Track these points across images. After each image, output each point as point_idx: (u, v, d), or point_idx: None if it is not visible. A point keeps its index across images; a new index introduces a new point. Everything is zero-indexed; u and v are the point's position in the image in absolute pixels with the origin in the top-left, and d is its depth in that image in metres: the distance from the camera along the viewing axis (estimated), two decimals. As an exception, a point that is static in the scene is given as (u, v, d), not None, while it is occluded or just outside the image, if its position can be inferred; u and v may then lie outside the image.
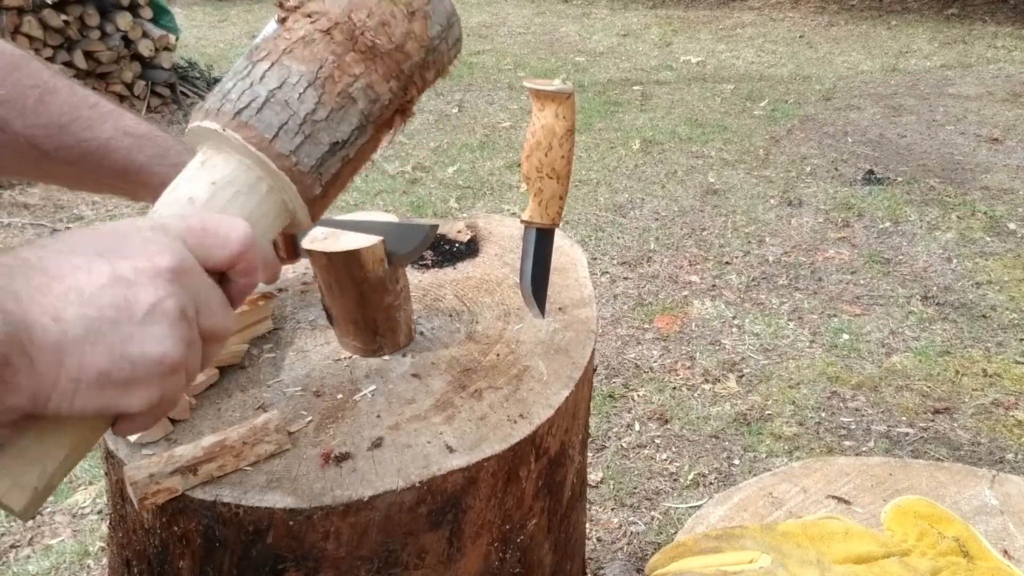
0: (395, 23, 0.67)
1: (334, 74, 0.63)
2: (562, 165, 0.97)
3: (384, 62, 0.66)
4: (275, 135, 0.60)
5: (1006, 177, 4.05)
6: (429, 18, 0.70)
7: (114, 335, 0.46)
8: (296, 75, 0.62)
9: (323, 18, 0.65)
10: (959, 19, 7.93)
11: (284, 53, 0.63)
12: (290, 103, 0.61)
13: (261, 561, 0.75)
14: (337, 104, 0.63)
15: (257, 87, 0.61)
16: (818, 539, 0.96)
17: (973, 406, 2.35)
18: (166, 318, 0.48)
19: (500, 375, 0.91)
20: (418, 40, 0.69)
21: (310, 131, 0.61)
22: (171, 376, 0.49)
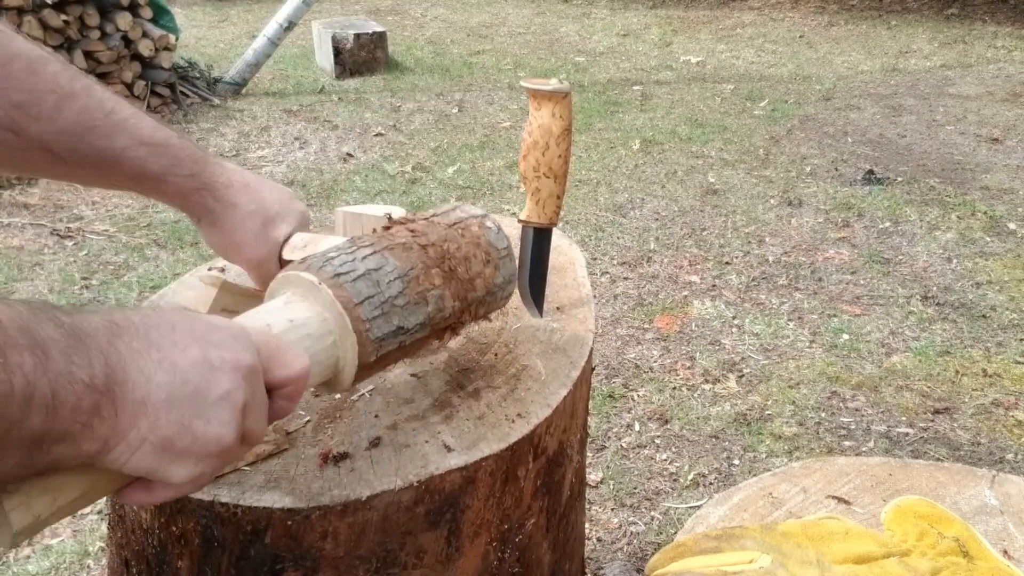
0: (474, 262, 0.83)
1: (420, 277, 0.76)
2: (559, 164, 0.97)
3: (457, 285, 0.80)
4: (361, 302, 0.70)
5: (1006, 177, 4.05)
6: (499, 269, 0.86)
7: (188, 408, 0.51)
8: (391, 266, 0.75)
9: (423, 237, 0.79)
10: (959, 19, 7.93)
11: (386, 248, 0.76)
12: (380, 284, 0.72)
13: (259, 561, 0.75)
14: (414, 300, 0.75)
15: (358, 263, 0.73)
16: (818, 539, 0.95)
17: (973, 406, 2.35)
18: (232, 406, 0.53)
19: (498, 375, 0.91)
20: (486, 281, 0.84)
21: (387, 310, 0.73)
22: (217, 458, 0.54)
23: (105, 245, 3.35)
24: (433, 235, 0.80)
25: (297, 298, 0.70)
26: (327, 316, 0.69)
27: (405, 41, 7.47)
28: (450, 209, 0.87)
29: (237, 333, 0.56)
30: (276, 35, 5.60)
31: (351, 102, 5.47)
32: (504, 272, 0.87)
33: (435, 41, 7.57)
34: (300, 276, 0.70)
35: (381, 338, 0.72)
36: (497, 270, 0.85)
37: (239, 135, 4.76)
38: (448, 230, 0.82)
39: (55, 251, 3.29)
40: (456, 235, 0.82)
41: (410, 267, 0.75)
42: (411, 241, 0.78)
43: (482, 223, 0.86)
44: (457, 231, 0.82)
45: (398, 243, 0.77)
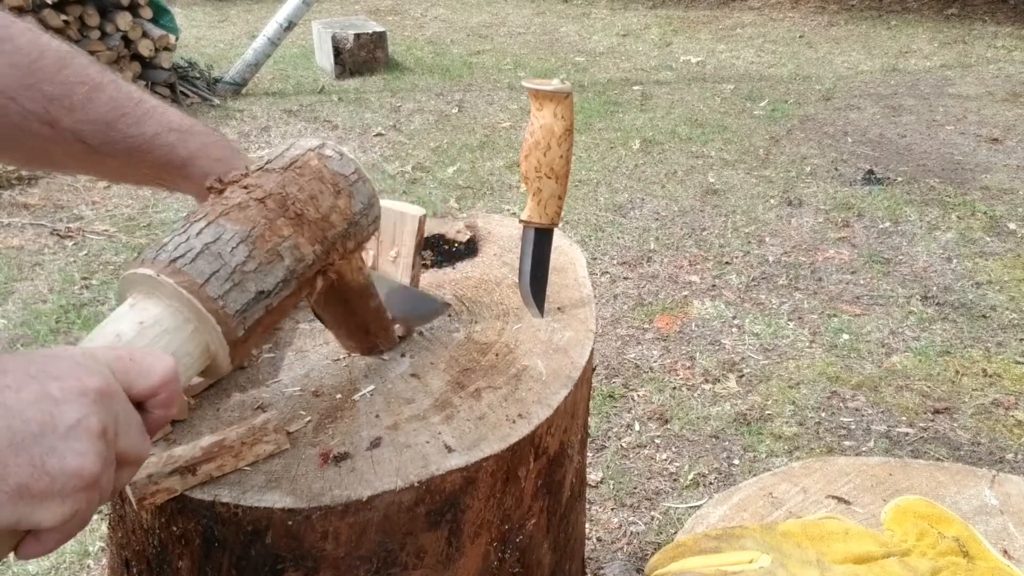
0: (322, 198, 0.76)
1: (265, 234, 0.71)
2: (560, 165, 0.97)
3: (310, 229, 0.75)
4: (206, 281, 0.66)
5: (1006, 177, 4.05)
6: (353, 197, 0.80)
7: (36, 447, 0.48)
8: (230, 232, 0.69)
9: (258, 189, 0.73)
10: (959, 19, 7.93)
11: (220, 215, 0.70)
12: (222, 255, 0.68)
13: (260, 561, 0.75)
14: (266, 259, 0.70)
15: (193, 240, 0.68)
16: (818, 539, 0.95)
17: (973, 406, 2.35)
18: (87, 434, 0.50)
19: (499, 375, 0.91)
20: (342, 214, 0.78)
21: (239, 280, 0.68)
22: (85, 492, 0.50)
23: (105, 245, 3.36)
24: (269, 184, 0.74)
25: (142, 297, 0.66)
26: (177, 305, 0.65)
27: (405, 41, 7.47)
28: (284, 150, 0.80)
29: (79, 359, 0.52)
30: (276, 35, 5.60)
31: (351, 102, 5.47)
32: (360, 198, 0.81)
33: (435, 41, 7.57)
34: (137, 273, 0.66)
35: (242, 310, 0.68)
36: (352, 198, 0.79)
37: (239, 135, 4.76)
38: (284, 174, 0.76)
39: (55, 251, 3.29)
40: (294, 176, 0.76)
41: (251, 227, 0.70)
42: (246, 199, 0.72)
43: (321, 154, 0.79)
44: (294, 173, 0.76)
45: (233, 205, 0.71)
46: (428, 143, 4.69)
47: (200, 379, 0.88)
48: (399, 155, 4.50)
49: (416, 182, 4.11)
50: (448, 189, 4.01)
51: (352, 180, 0.81)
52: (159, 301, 0.65)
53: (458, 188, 4.02)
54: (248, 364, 0.94)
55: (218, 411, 0.85)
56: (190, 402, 0.86)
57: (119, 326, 0.63)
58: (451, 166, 4.32)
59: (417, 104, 5.45)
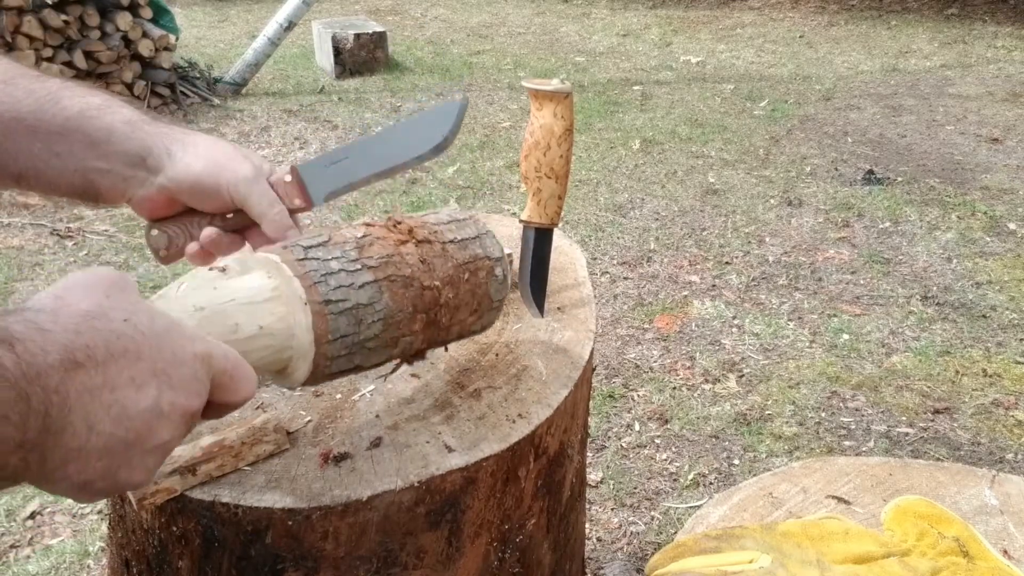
0: (461, 313, 0.76)
1: (401, 322, 0.70)
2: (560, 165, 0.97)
3: (433, 333, 0.74)
4: (334, 339, 0.66)
5: (1006, 177, 4.05)
6: (482, 319, 0.80)
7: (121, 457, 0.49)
8: (381, 305, 0.68)
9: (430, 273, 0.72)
10: (959, 19, 7.93)
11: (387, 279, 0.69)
12: (361, 324, 0.67)
13: (260, 561, 0.75)
14: (384, 344, 0.70)
15: (351, 292, 0.67)
16: (818, 539, 0.95)
17: (973, 406, 2.35)
18: (164, 454, 0.52)
19: (499, 375, 0.91)
20: (463, 328, 0.78)
21: (354, 351, 0.68)
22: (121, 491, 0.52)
23: (105, 245, 3.35)
24: (439, 272, 0.73)
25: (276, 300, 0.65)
26: (296, 334, 0.65)
27: (405, 41, 7.47)
28: (471, 238, 0.78)
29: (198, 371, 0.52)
30: (276, 35, 5.60)
31: (351, 102, 5.47)
32: (486, 320, 0.81)
33: (435, 41, 7.57)
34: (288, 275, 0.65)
35: (334, 372, 0.69)
36: (480, 319, 0.80)
37: (239, 135, 4.76)
38: (456, 270, 0.75)
39: (55, 251, 3.29)
40: (460, 279, 0.75)
41: (399, 309, 0.70)
42: (416, 275, 0.71)
43: (491, 270, 0.79)
44: (464, 273, 0.76)
45: (400, 275, 0.70)
46: (428, 143, 4.68)
47: None
48: (399, 155, 4.49)
49: (416, 182, 4.11)
50: (448, 189, 4.01)
51: (494, 307, 0.81)
52: (286, 317, 0.65)
53: (458, 188, 4.02)
54: None
55: (218, 411, 0.85)
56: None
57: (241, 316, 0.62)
58: (451, 166, 4.32)
59: (417, 104, 5.45)
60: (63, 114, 0.74)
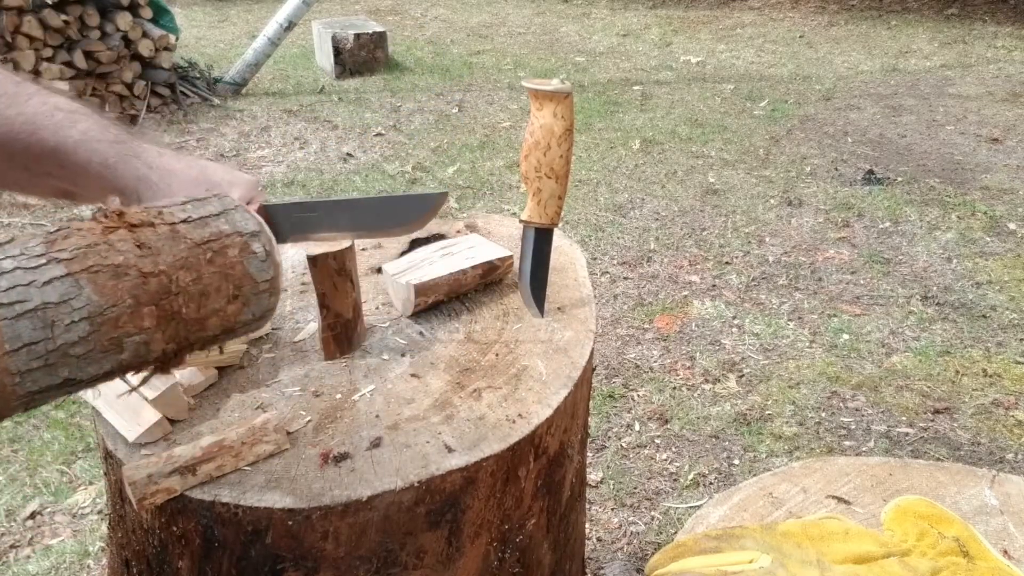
0: (213, 298, 0.64)
1: (120, 318, 0.58)
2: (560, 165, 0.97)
3: (176, 327, 0.62)
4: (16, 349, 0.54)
5: (1006, 177, 4.05)
6: (247, 305, 0.67)
7: None
8: (82, 301, 0.56)
9: (151, 259, 0.60)
10: (959, 19, 7.93)
11: (87, 271, 0.57)
12: (55, 327, 0.55)
13: (260, 561, 0.75)
14: (101, 348, 0.58)
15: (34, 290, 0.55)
16: (818, 539, 0.95)
17: (973, 406, 2.35)
18: None
19: (499, 375, 0.91)
20: (223, 320, 0.66)
21: (54, 361, 0.56)
22: None
23: (105, 245, 3.35)
24: (166, 256, 0.61)
25: None
26: None
27: (405, 41, 7.47)
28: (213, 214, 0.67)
29: None
30: (276, 35, 5.60)
31: (351, 102, 5.47)
32: (254, 308, 0.68)
33: (435, 41, 7.56)
34: None
35: (34, 392, 0.56)
36: (246, 306, 0.67)
37: (239, 135, 4.76)
38: (192, 250, 0.63)
39: (55, 251, 3.29)
40: (200, 260, 0.63)
41: (111, 304, 0.57)
42: (131, 261, 0.59)
43: (246, 246, 0.67)
44: (204, 254, 0.64)
45: (108, 264, 0.58)
46: (428, 143, 4.69)
47: (201, 378, 0.88)
48: (399, 155, 4.50)
49: (416, 182, 4.10)
50: (448, 189, 4.01)
51: (260, 289, 0.68)
52: None
53: (458, 188, 4.02)
54: (248, 364, 0.94)
55: (218, 411, 0.85)
56: (190, 402, 0.86)
57: None
58: (451, 166, 4.32)
59: (417, 104, 5.45)
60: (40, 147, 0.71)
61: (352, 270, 0.89)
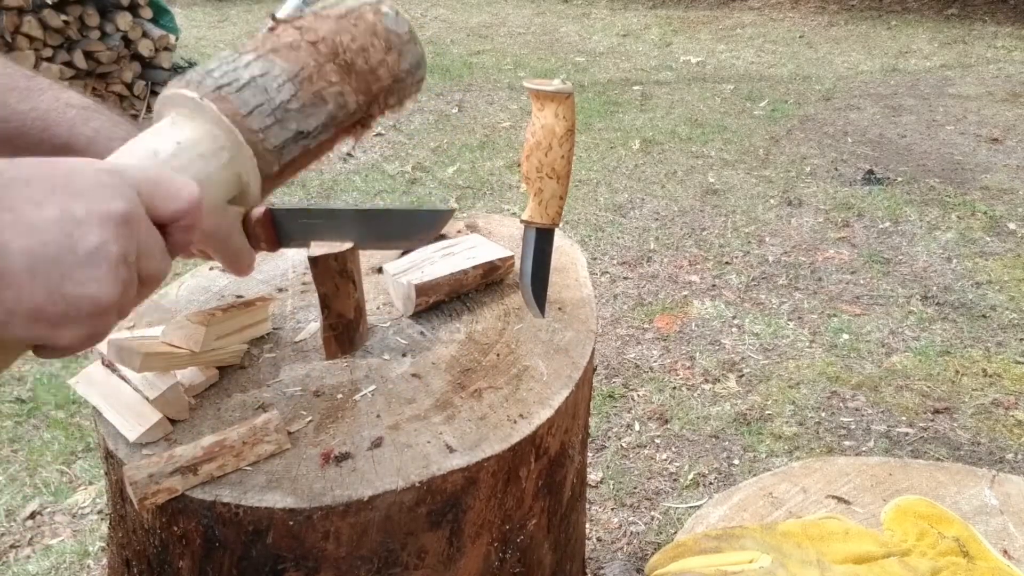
0: (373, 52, 0.77)
1: (312, 76, 0.71)
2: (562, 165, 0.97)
3: (357, 79, 0.75)
4: (249, 112, 0.66)
5: (1006, 177, 4.05)
6: (402, 55, 0.80)
7: (55, 272, 0.46)
8: (279, 69, 0.70)
9: (311, 32, 0.73)
10: (959, 19, 7.93)
11: (271, 51, 0.71)
12: (268, 90, 0.68)
13: (261, 561, 0.75)
14: (310, 101, 0.71)
15: (241, 71, 0.68)
16: (818, 539, 0.96)
17: (973, 406, 2.35)
18: (107, 261, 0.48)
19: (500, 375, 0.91)
20: (390, 70, 0.79)
21: (281, 116, 0.68)
22: (102, 316, 0.49)
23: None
24: (323, 29, 0.74)
25: (183, 118, 0.66)
26: (217, 132, 0.65)
27: (405, 41, 7.46)
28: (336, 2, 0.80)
29: (104, 178, 0.50)
30: (276, 35, 5.59)
31: (351, 102, 5.47)
32: (409, 57, 0.81)
33: (435, 41, 7.56)
34: (181, 94, 0.66)
35: (280, 146, 0.68)
36: (401, 55, 0.80)
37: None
38: (339, 22, 0.76)
39: (55, 251, 3.29)
40: (349, 26, 0.76)
41: (300, 67, 0.71)
42: (298, 40, 0.73)
43: (376, 9, 0.79)
44: (349, 22, 0.77)
45: (283, 43, 0.72)
46: (428, 143, 4.69)
47: (201, 378, 0.88)
48: (399, 155, 4.50)
49: (416, 182, 4.11)
50: (448, 189, 4.01)
51: (404, 39, 0.81)
52: (200, 125, 0.65)
53: (458, 188, 4.02)
54: (249, 364, 0.94)
55: (219, 411, 0.85)
56: (191, 402, 0.86)
57: (157, 142, 0.63)
58: (451, 166, 4.32)
59: (417, 104, 5.45)
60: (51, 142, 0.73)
61: (354, 271, 0.89)
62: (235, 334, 0.93)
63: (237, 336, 0.94)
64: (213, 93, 0.65)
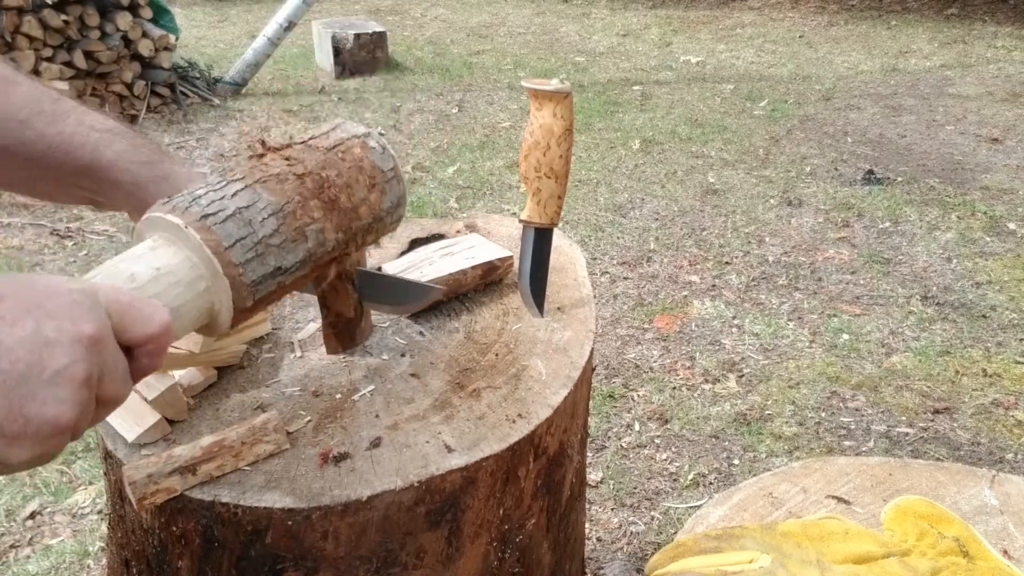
0: (356, 188, 0.78)
1: (296, 211, 0.72)
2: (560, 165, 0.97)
3: (339, 216, 0.76)
4: (232, 245, 0.67)
5: (1006, 177, 4.05)
6: (384, 193, 0.82)
7: (18, 390, 0.47)
8: (264, 202, 0.70)
9: (300, 164, 0.75)
10: (959, 19, 7.93)
11: (258, 182, 0.72)
12: (252, 223, 0.69)
13: (260, 561, 0.75)
14: (291, 237, 0.72)
15: (227, 201, 0.68)
16: (818, 539, 0.95)
17: (973, 406, 2.35)
18: (71, 383, 0.49)
19: (499, 375, 0.91)
20: (371, 208, 0.80)
21: (262, 252, 0.69)
22: (57, 437, 0.50)
23: (105, 245, 3.35)
24: (310, 162, 0.75)
25: (163, 242, 0.66)
26: (196, 261, 0.65)
27: (405, 41, 7.47)
28: (329, 129, 0.82)
29: (78, 298, 0.51)
30: (276, 35, 5.60)
31: (351, 102, 5.47)
32: (391, 196, 0.83)
33: (435, 41, 7.56)
34: (165, 219, 0.66)
35: (257, 281, 0.69)
36: (384, 194, 0.82)
37: (239, 135, 4.76)
38: (327, 155, 0.77)
39: (55, 251, 3.29)
40: (336, 160, 0.78)
41: (285, 201, 0.71)
42: (286, 171, 0.74)
43: (364, 143, 0.81)
44: (337, 155, 0.78)
45: (271, 175, 0.72)
46: (428, 143, 4.69)
47: (200, 379, 0.88)
48: (399, 155, 4.50)
49: (416, 182, 4.10)
50: (448, 189, 4.01)
51: (388, 177, 0.82)
52: (179, 251, 0.65)
53: (458, 188, 4.02)
54: (248, 364, 0.94)
55: (218, 411, 0.85)
56: (190, 402, 0.86)
57: (135, 267, 0.63)
58: (451, 166, 4.32)
59: (417, 104, 5.45)
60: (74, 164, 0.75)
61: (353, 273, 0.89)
62: (234, 334, 0.93)
63: (236, 336, 0.94)
64: (198, 222, 0.66)
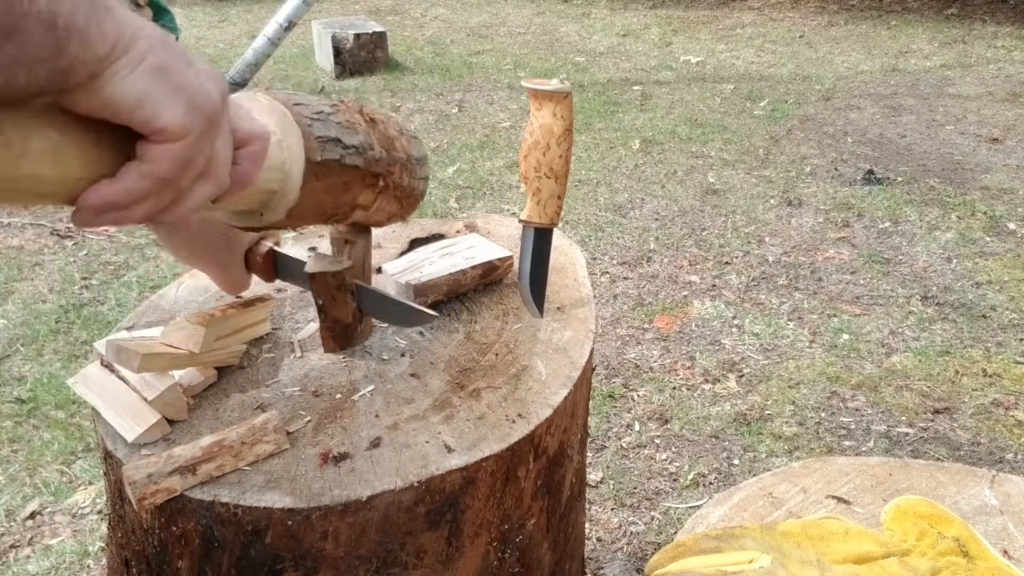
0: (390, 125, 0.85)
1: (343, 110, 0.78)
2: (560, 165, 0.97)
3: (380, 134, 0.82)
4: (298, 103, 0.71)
5: (1006, 177, 4.05)
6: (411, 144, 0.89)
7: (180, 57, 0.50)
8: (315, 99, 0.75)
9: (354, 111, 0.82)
10: (959, 19, 7.93)
11: None
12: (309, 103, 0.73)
13: (260, 561, 0.75)
14: (345, 123, 0.76)
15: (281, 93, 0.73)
16: (818, 539, 0.95)
17: (973, 406, 2.35)
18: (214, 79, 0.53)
19: (499, 375, 0.91)
20: (404, 148, 0.87)
21: (324, 119, 0.73)
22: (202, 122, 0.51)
23: (105, 245, 3.35)
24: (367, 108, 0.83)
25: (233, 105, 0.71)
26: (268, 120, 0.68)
27: (405, 41, 7.47)
28: None
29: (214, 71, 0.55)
30: (276, 35, 5.59)
31: (351, 102, 5.47)
32: (418, 150, 0.90)
33: (435, 41, 7.56)
34: None
35: (323, 139, 0.71)
36: (411, 143, 0.88)
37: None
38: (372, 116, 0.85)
39: (55, 251, 3.29)
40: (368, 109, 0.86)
41: (332, 104, 0.77)
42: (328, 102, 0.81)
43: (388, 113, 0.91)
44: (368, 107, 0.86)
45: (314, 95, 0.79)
46: (428, 143, 4.69)
47: (200, 379, 0.88)
48: (399, 155, 4.49)
49: (416, 182, 4.10)
50: (448, 189, 4.01)
51: (411, 135, 0.90)
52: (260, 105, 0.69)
53: (458, 188, 4.02)
54: (248, 364, 0.94)
55: (218, 411, 0.85)
56: (190, 402, 0.86)
57: None
58: (451, 166, 4.32)
59: (417, 104, 5.45)
60: None
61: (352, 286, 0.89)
62: (234, 335, 0.93)
63: (236, 336, 0.94)
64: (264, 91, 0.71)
